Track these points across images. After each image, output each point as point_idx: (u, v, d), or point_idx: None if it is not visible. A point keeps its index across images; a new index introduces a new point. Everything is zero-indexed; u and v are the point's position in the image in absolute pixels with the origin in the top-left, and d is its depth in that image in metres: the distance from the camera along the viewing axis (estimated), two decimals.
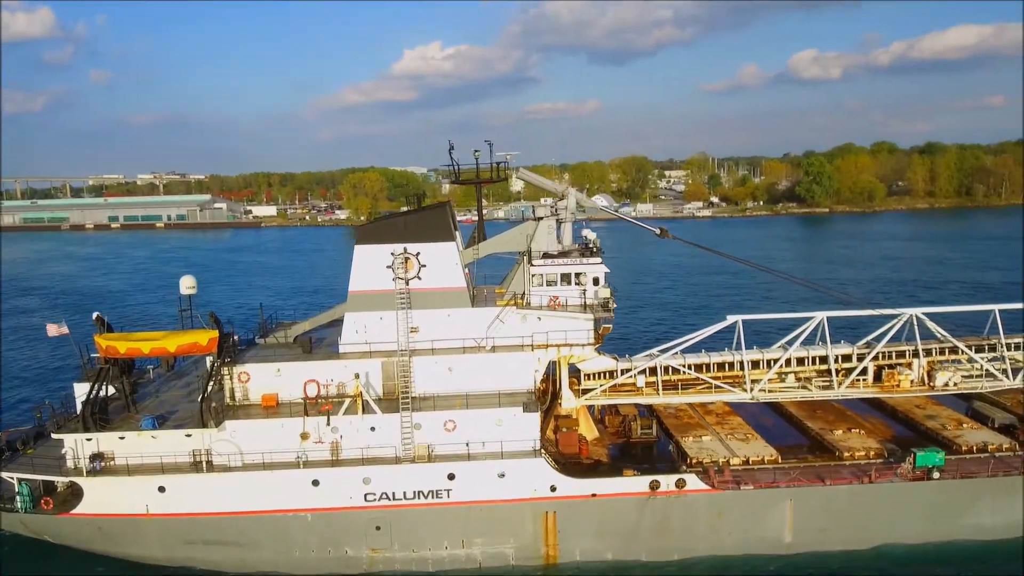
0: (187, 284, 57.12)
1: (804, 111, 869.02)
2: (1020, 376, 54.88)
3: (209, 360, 52.50)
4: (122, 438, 48.50)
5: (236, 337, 53.60)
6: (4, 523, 50.71)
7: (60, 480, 49.65)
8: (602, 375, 54.89)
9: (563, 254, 54.69)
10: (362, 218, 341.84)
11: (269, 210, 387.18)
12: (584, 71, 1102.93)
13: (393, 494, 48.31)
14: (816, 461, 51.85)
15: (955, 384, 54.64)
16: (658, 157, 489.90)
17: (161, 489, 47.79)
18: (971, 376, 55.34)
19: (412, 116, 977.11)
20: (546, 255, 54.24)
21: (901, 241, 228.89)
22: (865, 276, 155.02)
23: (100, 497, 48.11)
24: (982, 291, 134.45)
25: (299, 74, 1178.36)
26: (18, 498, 49.22)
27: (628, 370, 54.63)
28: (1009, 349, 55.68)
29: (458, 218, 60.20)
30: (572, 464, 51.12)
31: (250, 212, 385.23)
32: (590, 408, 57.92)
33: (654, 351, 55.99)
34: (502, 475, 48.15)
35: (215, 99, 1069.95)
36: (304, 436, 48.59)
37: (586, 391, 54.70)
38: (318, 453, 48.73)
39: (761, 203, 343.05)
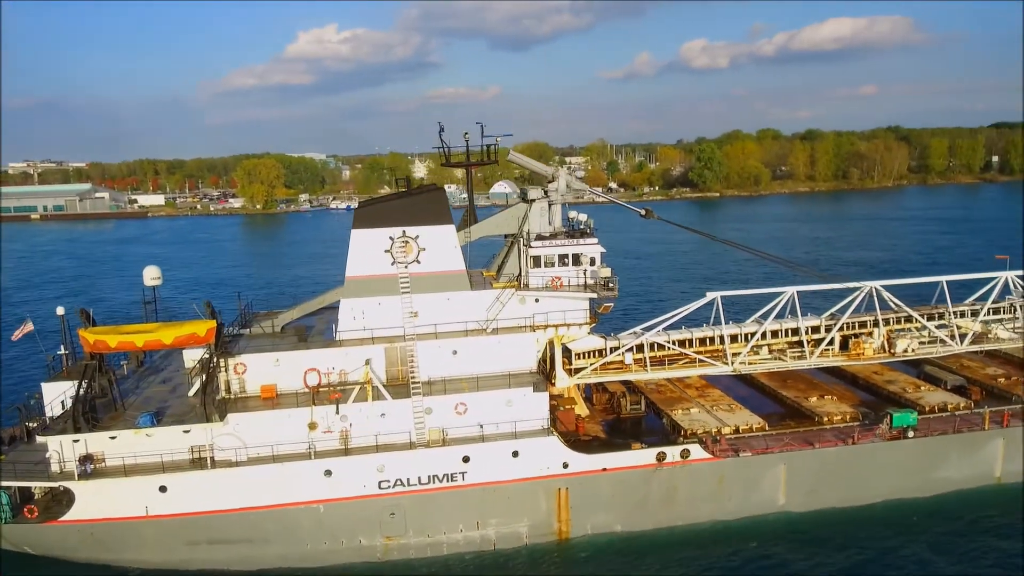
0: (152, 275, 54.79)
1: (696, 99, 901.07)
2: (966, 341, 60.06)
3: (200, 352, 50.58)
4: (113, 438, 45.74)
5: None
6: None
7: (46, 485, 46.43)
8: (591, 354, 56.17)
9: (553, 236, 55.36)
10: (258, 206, 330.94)
11: (156, 199, 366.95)
12: (485, 57, 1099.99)
13: (408, 480, 47.88)
14: (799, 427, 55.11)
15: (913, 350, 59.17)
16: (558, 143, 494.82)
17: (162, 489, 45.44)
18: (925, 343, 60.08)
19: (309, 101, 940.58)
20: (539, 237, 54.77)
21: (787, 223, 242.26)
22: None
23: (94, 501, 45.25)
24: (866, 268, 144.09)
25: (187, 56, 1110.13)
26: None
27: (616, 348, 56.07)
28: (955, 317, 60.88)
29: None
30: (575, 441, 52.11)
31: (135, 201, 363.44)
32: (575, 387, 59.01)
33: (637, 329, 57.75)
34: (516, 454, 48.62)
35: (95, 83, 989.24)
36: (312, 426, 47.36)
37: (577, 370, 55.81)
38: (327, 443, 47.64)
39: (657, 188, 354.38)
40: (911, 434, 52.49)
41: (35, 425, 52.35)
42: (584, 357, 56.06)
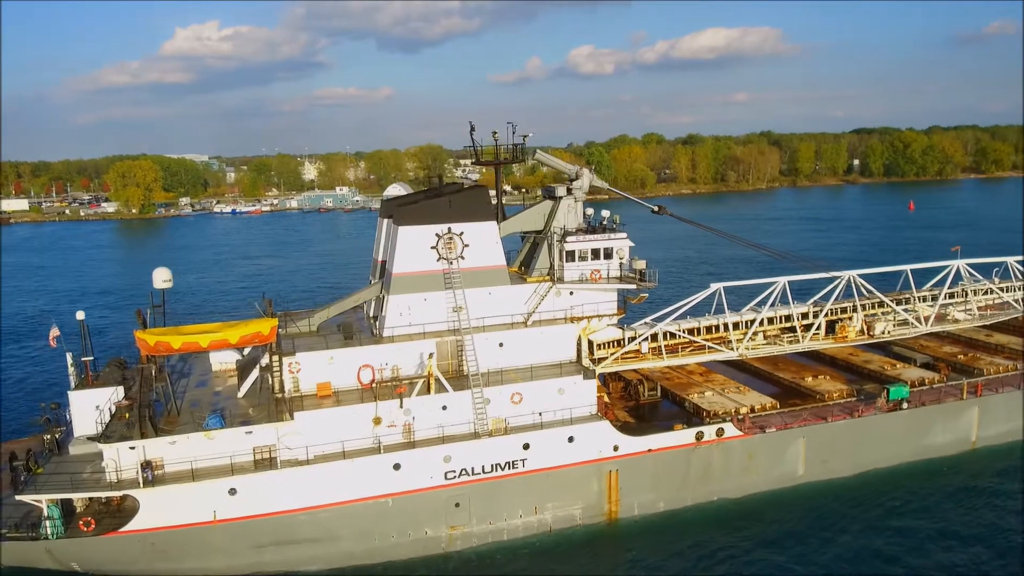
0: (163, 277, 53.46)
1: (585, 104, 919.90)
2: (930, 323, 67.20)
3: (231, 355, 49.84)
4: (172, 443, 44.18)
5: None
6: (5, 558, 43.76)
7: (110, 495, 44.23)
8: (610, 344, 58.91)
9: (577, 231, 57.65)
10: (134, 211, 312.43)
11: (19, 204, 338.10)
12: (375, 58, 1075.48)
13: (472, 469, 48.87)
14: (805, 404, 60.08)
15: (889, 332, 65.57)
16: (453, 146, 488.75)
17: (232, 491, 44.31)
18: (897, 325, 66.73)
19: (188, 100, 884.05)
20: (567, 233, 56.93)
21: (675, 224, 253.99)
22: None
23: (159, 509, 43.49)
24: (756, 265, 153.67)
25: (49, 51, 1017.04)
26: (48, 523, 42.82)
27: (633, 338, 59.09)
28: (919, 302, 68.00)
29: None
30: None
31: None
32: None
33: (649, 319, 60.97)
34: (571, 440, 50.63)
35: None
36: (376, 421, 47.53)
37: (599, 360, 58.38)
38: (390, 437, 47.92)
39: None
40: (905, 406, 58.55)
41: (59, 436, 49.60)
42: (604, 347, 58.70)
